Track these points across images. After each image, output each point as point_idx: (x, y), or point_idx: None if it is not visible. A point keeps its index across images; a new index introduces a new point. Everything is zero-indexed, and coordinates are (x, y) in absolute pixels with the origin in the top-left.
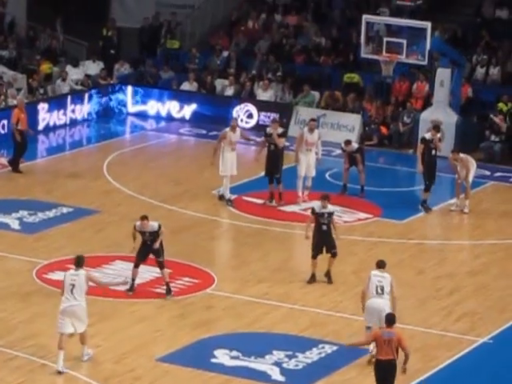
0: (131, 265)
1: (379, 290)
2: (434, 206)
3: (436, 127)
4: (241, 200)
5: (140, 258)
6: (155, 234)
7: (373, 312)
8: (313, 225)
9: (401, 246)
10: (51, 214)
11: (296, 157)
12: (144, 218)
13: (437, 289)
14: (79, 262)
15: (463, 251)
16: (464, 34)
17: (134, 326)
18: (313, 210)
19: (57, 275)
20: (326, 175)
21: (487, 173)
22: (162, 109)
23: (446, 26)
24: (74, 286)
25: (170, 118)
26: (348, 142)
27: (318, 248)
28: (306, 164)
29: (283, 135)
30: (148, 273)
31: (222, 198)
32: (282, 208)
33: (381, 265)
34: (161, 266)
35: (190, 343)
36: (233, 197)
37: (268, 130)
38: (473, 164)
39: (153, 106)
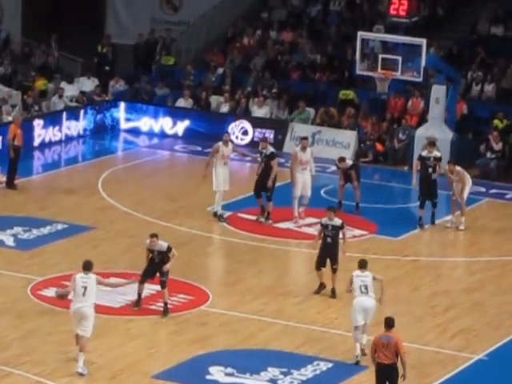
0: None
1: (363, 289)
2: (429, 223)
3: (431, 143)
4: (236, 217)
5: (146, 276)
6: (163, 254)
7: (359, 312)
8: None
9: (396, 263)
10: (46, 230)
11: (293, 177)
12: (153, 235)
13: (432, 306)
14: (88, 267)
15: (459, 268)
16: (459, 50)
17: (129, 342)
18: (320, 222)
19: (52, 292)
20: (321, 192)
21: (482, 189)
22: (157, 125)
23: (442, 43)
24: (86, 288)
25: (164, 135)
26: (342, 159)
27: (320, 260)
28: (302, 183)
29: (273, 156)
30: (143, 289)
31: (215, 215)
32: (277, 225)
33: (362, 265)
34: (163, 285)
35: (185, 360)
36: (226, 214)
37: (260, 148)
38: (468, 179)
39: (147, 123)
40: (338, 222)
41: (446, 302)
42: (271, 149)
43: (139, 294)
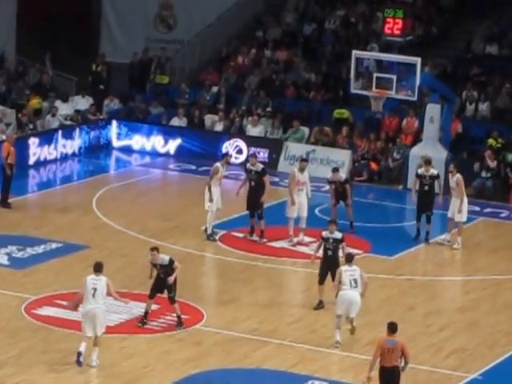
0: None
1: (353, 283)
2: (423, 242)
3: (427, 161)
4: (230, 236)
5: (154, 292)
6: (167, 268)
7: (343, 302)
8: (321, 250)
9: (391, 282)
10: (40, 249)
11: (291, 198)
12: (153, 249)
13: (427, 325)
14: (99, 268)
15: (453, 287)
16: (454, 69)
17: (123, 361)
18: (321, 235)
19: (46, 311)
20: (316, 211)
21: (477, 208)
22: (151, 144)
23: (436, 62)
24: (95, 289)
25: (159, 154)
26: (335, 170)
27: (322, 273)
28: (298, 204)
29: (264, 173)
30: (137, 308)
31: (206, 232)
32: (272, 244)
33: (349, 259)
34: (171, 300)
35: (180, 379)
36: (218, 234)
37: (248, 165)
38: (464, 195)
39: (141, 142)
40: (338, 235)
41: (441, 321)
42: (261, 165)
43: (146, 311)
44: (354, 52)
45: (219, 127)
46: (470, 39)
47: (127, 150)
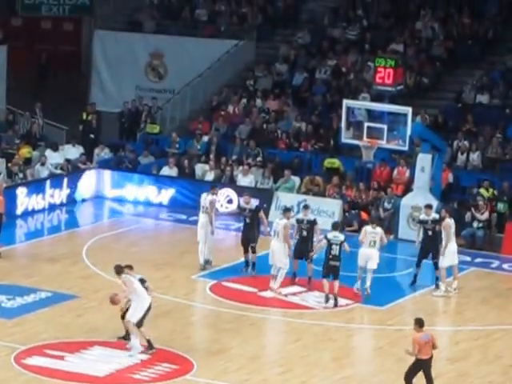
0: (110, 350)
1: (372, 244)
2: (415, 291)
3: (428, 206)
4: (220, 285)
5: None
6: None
7: (363, 257)
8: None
9: (381, 333)
10: (30, 298)
11: (290, 250)
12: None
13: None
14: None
15: (443, 337)
16: (445, 119)
17: None
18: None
19: (35, 360)
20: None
21: (468, 258)
22: (141, 193)
23: (427, 111)
24: None
25: (149, 203)
26: (306, 207)
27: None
28: (272, 252)
29: (258, 210)
30: (126, 358)
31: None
32: (262, 294)
33: (373, 221)
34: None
35: None
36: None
37: (241, 204)
38: (450, 241)
39: (132, 191)
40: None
41: (431, 371)
42: (255, 203)
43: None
44: (345, 101)
45: (210, 177)
46: (460, 89)
47: (120, 200)
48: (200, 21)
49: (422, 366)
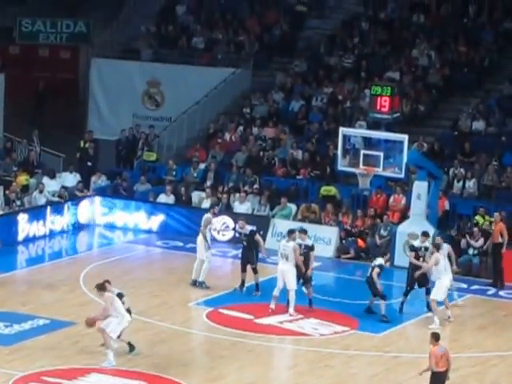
0: (107, 377)
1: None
2: (411, 319)
3: (424, 233)
4: (217, 313)
5: None
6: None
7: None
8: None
9: (378, 359)
10: (27, 325)
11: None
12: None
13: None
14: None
15: None
16: (441, 146)
17: None
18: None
19: None
20: (303, 288)
21: (464, 286)
22: (138, 221)
23: (424, 139)
24: None
25: (146, 231)
26: (304, 232)
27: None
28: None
29: (254, 233)
30: None
31: (200, 284)
32: (259, 320)
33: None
34: None
35: None
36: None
37: (237, 229)
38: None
39: (128, 219)
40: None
41: None
42: (249, 228)
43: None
44: (342, 129)
45: (206, 204)
46: (456, 116)
47: (116, 227)
48: (197, 49)
49: (440, 378)
